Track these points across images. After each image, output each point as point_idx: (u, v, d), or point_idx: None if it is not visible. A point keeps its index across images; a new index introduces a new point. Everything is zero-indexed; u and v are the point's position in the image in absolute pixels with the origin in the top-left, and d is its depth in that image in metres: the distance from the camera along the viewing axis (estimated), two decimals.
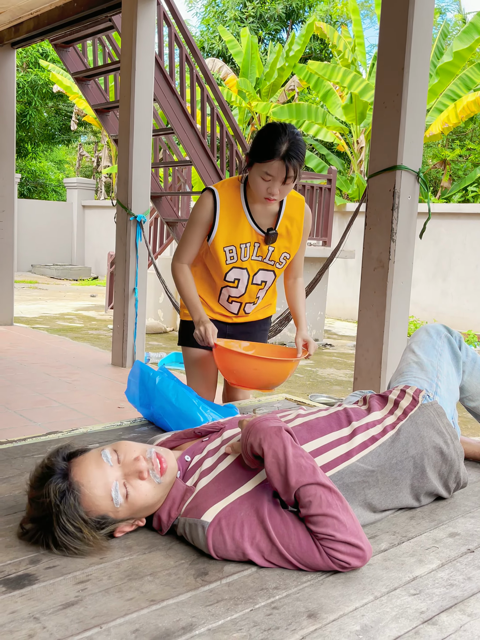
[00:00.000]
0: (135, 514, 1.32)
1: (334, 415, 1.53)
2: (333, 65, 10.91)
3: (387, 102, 2.73)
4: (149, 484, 1.31)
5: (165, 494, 1.36)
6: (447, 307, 9.27)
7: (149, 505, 1.33)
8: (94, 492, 1.27)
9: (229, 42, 14.26)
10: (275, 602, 1.13)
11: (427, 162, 13.79)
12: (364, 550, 1.20)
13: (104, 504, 1.27)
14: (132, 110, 4.54)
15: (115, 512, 1.29)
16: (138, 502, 1.30)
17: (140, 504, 1.31)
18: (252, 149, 2.15)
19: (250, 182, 2.20)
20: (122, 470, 1.31)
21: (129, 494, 1.29)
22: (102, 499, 1.27)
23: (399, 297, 2.83)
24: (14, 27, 5.85)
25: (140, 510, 1.32)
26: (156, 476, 1.32)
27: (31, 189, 18.32)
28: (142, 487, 1.30)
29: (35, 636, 1.01)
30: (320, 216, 7.74)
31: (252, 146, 2.16)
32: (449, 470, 1.54)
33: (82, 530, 1.25)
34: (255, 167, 2.15)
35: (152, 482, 1.31)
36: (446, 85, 10.41)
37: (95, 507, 1.27)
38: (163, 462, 1.34)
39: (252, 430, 1.32)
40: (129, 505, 1.29)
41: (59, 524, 1.24)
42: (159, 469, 1.33)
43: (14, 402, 3.87)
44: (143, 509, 1.32)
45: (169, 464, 1.35)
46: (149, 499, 1.31)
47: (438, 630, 1.07)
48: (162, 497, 1.35)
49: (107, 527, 1.29)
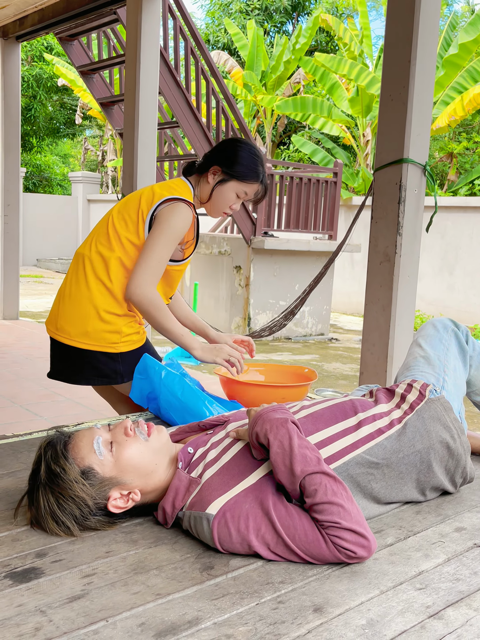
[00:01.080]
0: (123, 474, 1.34)
1: (339, 406, 1.53)
2: (339, 58, 10.86)
3: (393, 94, 2.71)
4: (136, 441, 1.37)
5: (157, 462, 1.38)
6: (454, 301, 9.24)
7: (136, 465, 1.35)
8: (79, 443, 1.35)
9: (235, 35, 14.21)
10: (281, 596, 1.13)
11: (433, 155, 13.72)
12: (369, 540, 1.20)
13: (88, 455, 1.33)
14: (137, 104, 4.53)
15: (101, 466, 1.33)
16: (123, 457, 1.34)
17: (125, 458, 1.34)
18: (235, 167, 2.09)
19: (218, 194, 2.13)
20: (110, 433, 1.39)
21: (114, 449, 1.35)
22: (87, 451, 1.33)
23: (405, 291, 2.82)
24: (19, 20, 5.83)
25: (127, 469, 1.34)
26: (142, 433, 1.38)
27: (36, 183, 18.33)
28: (127, 443, 1.36)
29: (42, 629, 1.02)
30: (326, 210, 7.72)
31: (234, 164, 2.09)
32: (456, 465, 1.54)
33: (67, 472, 1.29)
34: (232, 183, 2.11)
35: (138, 439, 1.37)
36: (453, 77, 10.35)
37: (80, 457, 1.33)
38: (151, 426, 1.41)
39: (259, 420, 1.33)
40: (115, 459, 1.34)
41: (46, 468, 1.30)
42: (145, 431, 1.39)
43: (20, 396, 3.88)
44: (130, 467, 1.34)
45: (159, 432, 1.41)
46: (135, 456, 1.35)
47: (444, 625, 1.07)
48: (151, 463, 1.37)
49: (94, 481, 1.31)
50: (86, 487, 1.29)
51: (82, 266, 2.10)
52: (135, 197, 2.13)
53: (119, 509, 1.35)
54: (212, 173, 2.12)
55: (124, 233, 2.08)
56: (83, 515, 1.31)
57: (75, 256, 2.18)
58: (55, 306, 2.16)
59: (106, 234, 2.10)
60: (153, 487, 1.38)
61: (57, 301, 2.17)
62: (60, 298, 2.14)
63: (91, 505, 1.31)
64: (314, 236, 7.95)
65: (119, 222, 2.10)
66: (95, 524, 1.33)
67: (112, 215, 2.14)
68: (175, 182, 2.15)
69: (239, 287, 7.39)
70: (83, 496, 1.29)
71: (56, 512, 1.29)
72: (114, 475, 1.33)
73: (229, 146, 2.14)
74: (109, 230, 2.10)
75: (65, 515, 1.29)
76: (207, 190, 2.15)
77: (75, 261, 2.16)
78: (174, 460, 1.43)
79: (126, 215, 2.10)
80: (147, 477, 1.37)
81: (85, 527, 1.33)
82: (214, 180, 2.12)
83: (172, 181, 2.16)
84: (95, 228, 2.19)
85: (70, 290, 2.10)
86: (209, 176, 2.13)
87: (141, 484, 1.36)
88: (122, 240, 2.07)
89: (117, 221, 2.10)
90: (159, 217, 2.04)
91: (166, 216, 2.02)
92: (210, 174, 2.12)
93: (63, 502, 1.29)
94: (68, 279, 2.14)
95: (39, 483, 1.31)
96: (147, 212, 2.06)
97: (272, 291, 7.43)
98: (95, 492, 1.31)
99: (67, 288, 2.12)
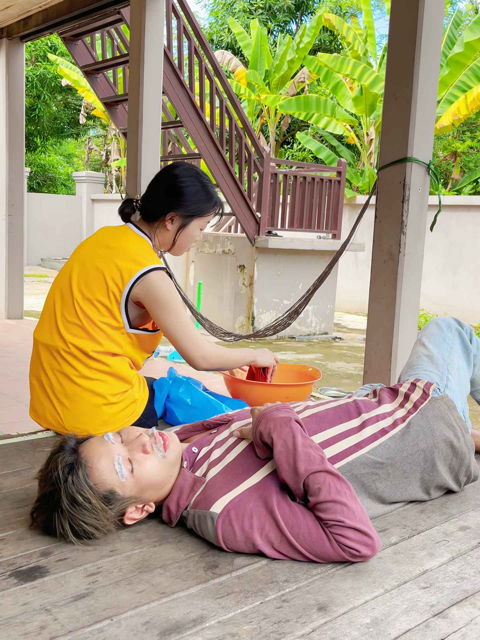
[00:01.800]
0: (143, 492, 1.33)
1: (343, 407, 1.53)
2: (343, 57, 10.84)
3: (397, 93, 2.71)
4: (154, 458, 1.34)
5: (171, 474, 1.37)
6: (458, 300, 9.22)
7: (155, 482, 1.34)
8: (99, 465, 1.30)
9: (238, 34, 14.19)
10: (286, 595, 1.13)
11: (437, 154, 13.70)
12: (372, 539, 1.20)
13: (110, 478, 1.29)
14: (141, 103, 4.53)
15: (122, 487, 1.31)
16: (144, 477, 1.32)
17: (147, 478, 1.32)
18: (191, 206, 1.98)
19: (183, 238, 2.03)
20: (126, 447, 1.35)
21: (134, 469, 1.31)
22: (108, 473, 1.29)
23: (409, 290, 2.82)
24: (23, 20, 5.84)
25: (147, 487, 1.33)
26: (160, 450, 1.36)
27: (40, 183, 18.35)
28: (146, 462, 1.33)
29: (47, 628, 1.02)
30: (329, 209, 7.71)
31: (189, 203, 1.98)
32: (460, 463, 1.54)
33: (91, 501, 1.26)
34: (195, 221, 2.02)
35: (156, 456, 1.35)
36: (457, 76, 10.32)
37: (102, 480, 1.29)
38: (166, 439, 1.38)
39: (263, 419, 1.33)
40: (136, 480, 1.31)
41: (67, 495, 1.25)
42: (162, 444, 1.37)
43: (25, 396, 3.88)
44: (150, 485, 1.33)
45: (172, 442, 1.39)
46: (155, 474, 1.33)
47: (449, 624, 1.07)
48: (167, 476, 1.36)
49: (115, 504, 1.30)
50: (107, 512, 1.28)
51: (64, 361, 1.91)
52: (97, 276, 1.92)
53: (133, 521, 1.36)
54: (168, 220, 2.00)
55: (98, 318, 1.91)
56: (100, 532, 1.30)
57: (40, 346, 1.97)
58: (47, 405, 1.95)
59: (77, 323, 1.91)
60: (164, 494, 1.38)
61: (46, 400, 1.95)
62: (51, 397, 1.94)
63: (109, 525, 1.30)
64: (318, 235, 7.94)
65: (88, 308, 1.91)
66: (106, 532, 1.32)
67: (74, 299, 1.93)
68: (132, 245, 1.97)
69: (242, 286, 7.39)
70: (104, 522, 1.28)
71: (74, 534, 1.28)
72: (134, 494, 1.32)
73: (172, 185, 1.99)
74: (79, 316, 1.91)
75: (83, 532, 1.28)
76: (168, 238, 2.03)
77: (44, 352, 1.95)
78: (179, 461, 1.43)
79: (93, 298, 1.91)
80: (163, 489, 1.37)
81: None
82: (174, 227, 2.01)
83: (128, 244, 1.97)
84: (50, 311, 1.97)
85: (64, 389, 1.91)
86: (167, 224, 2.01)
87: (156, 496, 1.37)
88: (100, 326, 1.90)
89: (84, 306, 1.91)
90: (146, 299, 1.91)
91: (156, 296, 1.90)
92: (168, 222, 2.00)
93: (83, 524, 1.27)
94: (47, 374, 1.94)
95: (59, 509, 1.27)
96: (120, 294, 1.90)
97: (276, 290, 7.43)
98: (115, 513, 1.30)
99: (55, 385, 1.92)
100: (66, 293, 1.95)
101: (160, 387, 2.15)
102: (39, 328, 2.00)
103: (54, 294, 1.99)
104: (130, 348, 1.98)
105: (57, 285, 2.00)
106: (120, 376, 1.94)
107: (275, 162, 7.45)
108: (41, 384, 1.97)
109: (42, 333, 1.97)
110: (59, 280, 2.00)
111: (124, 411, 1.95)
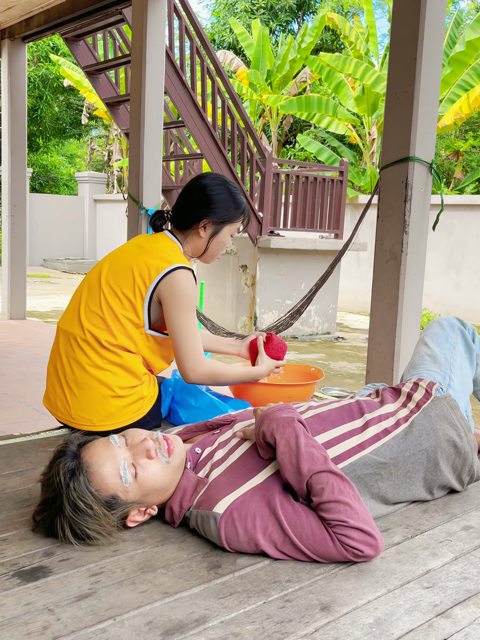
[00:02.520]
0: (146, 497, 1.33)
1: (346, 407, 1.53)
2: (344, 57, 10.84)
3: (399, 92, 2.70)
4: (158, 463, 1.33)
5: (175, 478, 1.37)
6: (461, 300, 9.21)
7: (158, 487, 1.33)
8: (102, 470, 1.29)
9: (240, 34, 14.19)
10: (288, 595, 1.13)
11: (439, 153, 13.69)
12: (376, 539, 1.20)
13: (113, 482, 1.29)
14: (143, 103, 4.53)
15: (125, 492, 1.30)
16: (147, 482, 1.31)
17: (150, 483, 1.32)
18: (222, 213, 2.04)
19: (215, 244, 2.09)
20: (130, 451, 1.34)
21: (138, 474, 1.31)
22: (111, 478, 1.29)
23: (411, 289, 2.81)
24: (25, 21, 5.85)
25: (150, 492, 1.33)
26: (164, 455, 1.35)
27: (43, 184, 18.37)
28: (150, 467, 1.32)
29: (50, 628, 1.02)
30: (332, 209, 7.70)
31: (220, 210, 2.04)
32: (463, 463, 1.54)
33: (93, 507, 1.26)
34: (226, 228, 2.08)
35: (160, 461, 1.34)
36: (459, 75, 10.30)
37: (104, 485, 1.28)
38: (170, 443, 1.37)
39: (266, 419, 1.33)
40: (139, 485, 1.31)
41: (69, 501, 1.25)
42: (166, 449, 1.36)
43: (28, 396, 3.89)
44: (153, 490, 1.33)
45: (177, 447, 1.38)
46: (158, 479, 1.33)
47: (452, 624, 1.06)
48: (171, 481, 1.36)
49: (118, 509, 1.29)
50: (110, 517, 1.28)
51: (79, 348, 1.94)
52: (126, 270, 1.98)
53: (135, 523, 1.36)
54: (202, 228, 2.06)
55: (120, 311, 1.94)
56: (102, 536, 1.29)
57: (61, 333, 2.01)
58: (59, 392, 1.98)
59: (99, 313, 1.95)
60: (167, 497, 1.38)
61: (58, 386, 1.99)
62: (62, 384, 1.97)
63: (111, 529, 1.30)
64: (320, 235, 7.94)
65: (112, 299, 1.95)
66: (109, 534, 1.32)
67: (101, 289, 1.97)
68: (163, 246, 2.03)
69: (245, 286, 7.39)
70: (106, 526, 1.28)
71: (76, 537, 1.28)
72: (137, 499, 1.32)
73: (203, 194, 2.05)
74: (102, 307, 1.95)
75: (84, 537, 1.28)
76: (201, 245, 2.10)
77: (63, 339, 1.99)
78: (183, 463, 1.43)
79: (118, 291, 1.95)
80: (166, 493, 1.37)
81: None
82: (207, 234, 2.07)
83: (160, 245, 2.03)
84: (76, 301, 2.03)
85: (75, 377, 1.94)
86: (200, 231, 2.07)
87: (159, 500, 1.37)
88: (120, 319, 1.93)
89: (109, 297, 1.95)
90: (166, 294, 1.94)
91: (175, 292, 1.93)
92: (201, 229, 2.06)
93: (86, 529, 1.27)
94: (62, 361, 1.98)
95: (61, 514, 1.27)
96: (145, 290, 1.94)
97: (278, 290, 7.43)
98: (117, 517, 1.30)
99: (67, 372, 1.95)
100: (94, 285, 2.01)
101: (165, 388, 2.16)
102: (63, 317, 2.06)
103: (82, 287, 2.05)
104: (146, 350, 2.00)
105: (87, 280, 2.06)
106: (131, 370, 1.95)
107: (278, 162, 7.45)
108: (56, 371, 2.00)
109: (65, 321, 2.03)
110: (90, 275, 2.07)
111: (130, 406, 1.96)
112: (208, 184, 2.07)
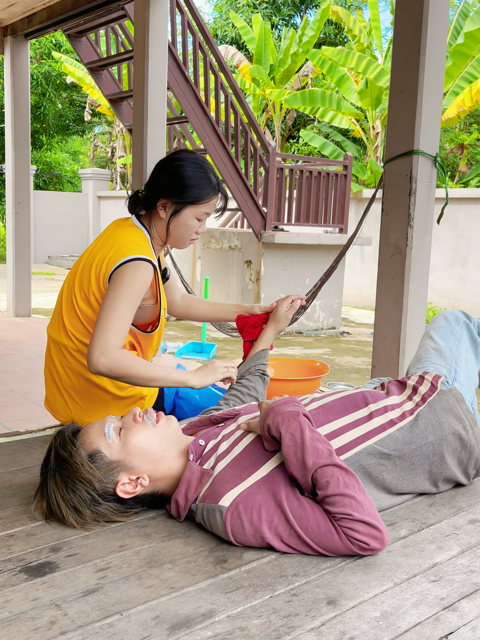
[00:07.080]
0: (130, 457, 1.35)
1: (350, 397, 1.53)
2: (347, 51, 10.79)
3: (403, 86, 2.69)
4: (143, 426, 1.39)
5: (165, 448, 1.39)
6: (466, 293, 9.18)
7: (143, 449, 1.36)
8: (88, 429, 1.39)
9: (242, 29, 14.15)
10: (295, 589, 1.13)
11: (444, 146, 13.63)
12: (381, 532, 1.20)
13: (97, 439, 1.36)
14: (146, 99, 4.53)
15: (109, 449, 1.35)
16: (131, 440, 1.36)
17: (133, 442, 1.36)
18: (184, 191, 1.85)
19: (176, 227, 1.90)
20: (121, 421, 1.42)
21: (122, 433, 1.38)
22: (96, 435, 1.37)
23: (416, 283, 2.80)
24: (27, 17, 5.84)
25: (135, 452, 1.36)
26: (150, 419, 1.41)
27: (47, 181, 18.38)
28: (135, 427, 1.39)
29: (57, 623, 1.02)
30: (336, 203, 7.69)
31: (181, 188, 1.85)
32: (469, 456, 1.53)
33: (73, 455, 1.32)
34: (188, 209, 1.87)
35: (146, 425, 1.40)
36: (462, 67, 10.25)
37: (88, 440, 1.36)
38: (160, 415, 1.43)
39: (271, 413, 1.33)
40: (122, 443, 1.36)
41: (54, 451, 1.34)
42: (154, 417, 1.42)
43: (33, 393, 3.90)
44: (138, 451, 1.36)
45: (168, 420, 1.43)
46: (143, 440, 1.37)
47: (458, 617, 1.06)
48: (159, 449, 1.38)
49: (102, 465, 1.33)
50: (93, 469, 1.32)
51: (72, 358, 1.90)
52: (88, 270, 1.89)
53: (127, 494, 1.36)
54: (161, 207, 1.89)
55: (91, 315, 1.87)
56: (93, 499, 1.32)
57: (51, 342, 1.97)
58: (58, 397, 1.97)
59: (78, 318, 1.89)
60: (162, 474, 1.38)
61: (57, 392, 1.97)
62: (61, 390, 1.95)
63: (99, 489, 1.32)
64: (325, 230, 7.92)
65: (82, 303, 1.88)
66: (107, 511, 1.34)
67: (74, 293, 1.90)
68: (124, 235, 1.89)
69: (249, 281, 7.39)
70: (90, 478, 1.31)
71: (66, 496, 1.31)
72: (121, 458, 1.35)
73: (168, 169, 1.88)
74: (78, 313, 1.89)
75: (75, 498, 1.31)
76: (163, 227, 1.93)
77: (55, 348, 1.95)
78: (184, 452, 1.43)
79: (87, 293, 1.88)
80: (156, 463, 1.37)
81: (97, 515, 1.33)
82: (166, 215, 1.89)
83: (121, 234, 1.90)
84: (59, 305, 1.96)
85: (73, 384, 1.92)
86: (159, 212, 1.90)
87: (149, 469, 1.37)
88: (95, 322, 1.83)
89: (80, 302, 1.88)
90: (113, 278, 1.80)
91: (120, 275, 1.78)
92: (160, 209, 1.90)
93: (71, 485, 1.31)
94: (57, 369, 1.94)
95: (48, 469, 1.35)
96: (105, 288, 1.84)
97: (283, 285, 7.42)
98: (103, 475, 1.33)
99: (64, 379, 1.93)
100: (69, 289, 1.94)
101: None
102: (51, 324, 2.01)
103: (62, 290, 1.99)
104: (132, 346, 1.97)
105: (66, 281, 2.00)
106: None
107: (281, 156, 7.43)
108: (52, 377, 1.99)
109: (52, 327, 1.99)
110: (68, 276, 2.01)
111: (131, 406, 1.96)
112: (179, 157, 1.89)
